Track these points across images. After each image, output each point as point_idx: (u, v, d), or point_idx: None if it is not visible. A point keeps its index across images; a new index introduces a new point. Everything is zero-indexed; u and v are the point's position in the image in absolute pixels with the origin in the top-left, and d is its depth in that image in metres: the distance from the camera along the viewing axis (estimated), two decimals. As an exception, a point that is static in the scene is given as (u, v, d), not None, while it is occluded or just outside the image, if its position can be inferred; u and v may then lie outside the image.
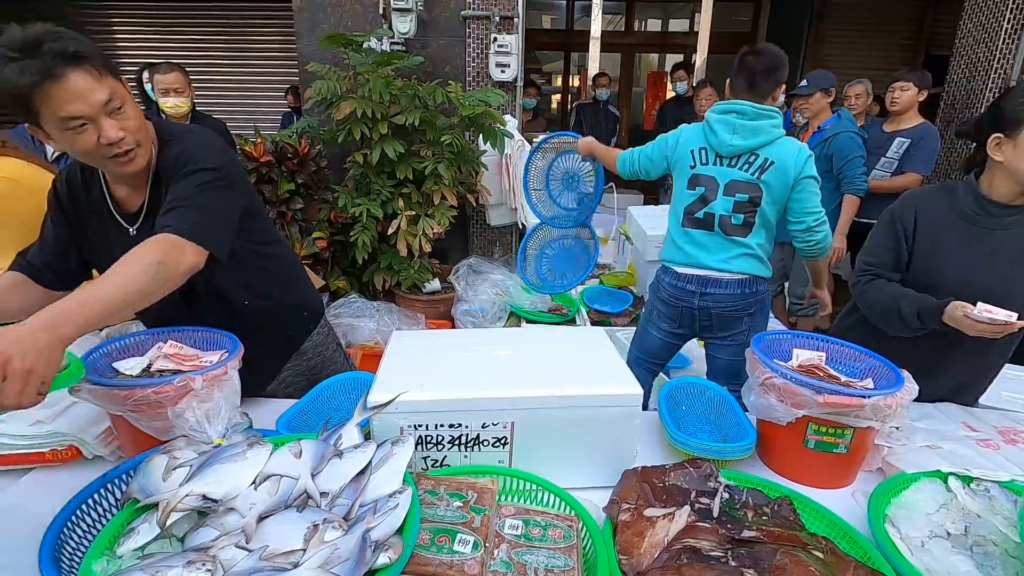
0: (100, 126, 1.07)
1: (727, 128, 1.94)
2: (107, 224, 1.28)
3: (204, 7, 6.15)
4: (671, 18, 8.06)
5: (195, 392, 1.06)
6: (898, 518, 1.02)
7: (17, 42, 0.98)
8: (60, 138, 1.07)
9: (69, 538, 0.87)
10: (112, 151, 1.10)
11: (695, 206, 2.02)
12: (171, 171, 1.22)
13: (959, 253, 1.40)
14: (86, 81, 1.03)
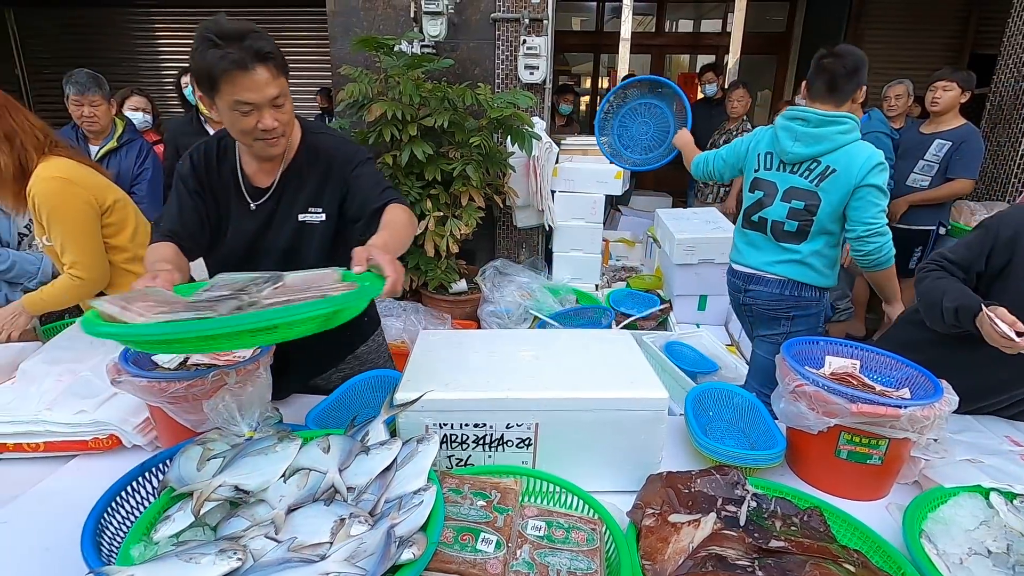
0: (262, 114, 1.24)
1: (790, 135, 1.98)
2: (232, 195, 1.42)
3: (242, 13, 6.33)
4: (703, 18, 7.94)
5: (228, 386, 1.10)
6: (935, 534, 0.99)
7: (225, 33, 1.16)
8: (225, 114, 1.24)
9: (109, 523, 0.91)
10: (260, 135, 1.27)
11: (752, 209, 2.10)
12: (326, 159, 1.42)
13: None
14: (265, 77, 1.20)
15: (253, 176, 1.42)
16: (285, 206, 1.42)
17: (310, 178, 1.43)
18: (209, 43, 1.16)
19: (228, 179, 1.42)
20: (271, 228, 1.43)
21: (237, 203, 1.43)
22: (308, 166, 1.42)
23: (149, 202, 2.80)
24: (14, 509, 1.08)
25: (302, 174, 1.42)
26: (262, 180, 1.42)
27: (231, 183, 1.42)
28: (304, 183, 1.42)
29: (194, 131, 3.20)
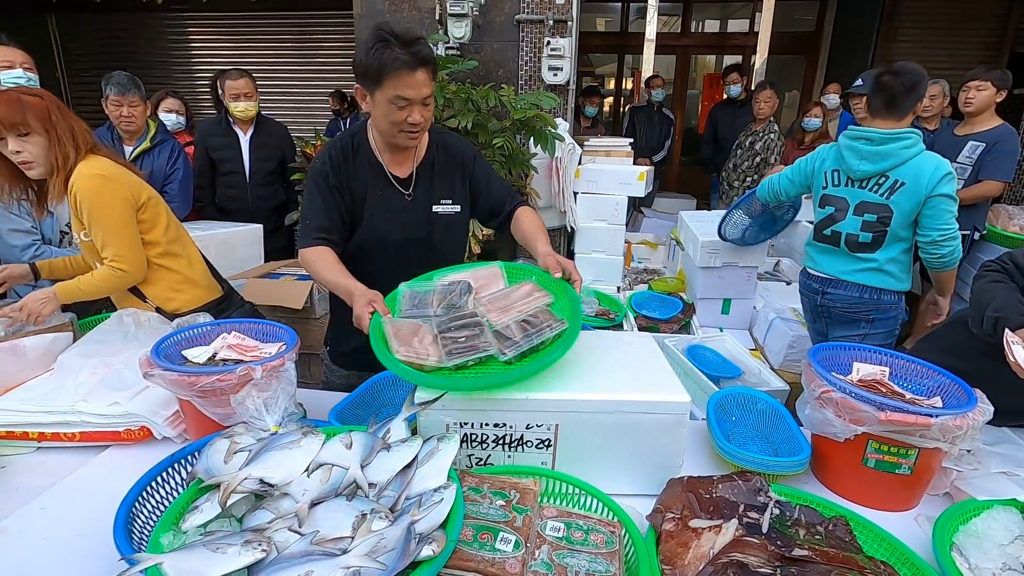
0: (413, 110, 1.39)
1: (855, 154, 2.10)
2: (374, 186, 1.55)
3: (271, 18, 6.46)
4: (730, 18, 7.83)
5: (255, 381, 1.12)
6: (967, 547, 0.96)
7: (399, 36, 1.33)
8: (380, 106, 1.39)
9: (140, 511, 0.93)
10: (408, 128, 1.43)
11: (824, 224, 2.22)
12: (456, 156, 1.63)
13: None
14: (424, 79, 1.37)
15: (388, 165, 1.56)
16: (421, 198, 1.59)
17: (442, 173, 1.61)
18: (384, 43, 1.32)
19: (367, 171, 1.54)
20: (412, 217, 1.58)
21: (381, 193, 1.55)
22: (439, 162, 1.61)
23: (180, 201, 2.88)
24: (51, 496, 1.13)
25: (434, 169, 1.60)
26: (396, 170, 1.56)
27: (371, 175, 1.54)
28: (435, 177, 1.60)
29: (222, 132, 3.27)
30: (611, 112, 8.25)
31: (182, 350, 1.30)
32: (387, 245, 1.57)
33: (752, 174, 4.40)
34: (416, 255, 1.58)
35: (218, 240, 2.68)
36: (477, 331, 1.16)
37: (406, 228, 1.58)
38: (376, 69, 1.34)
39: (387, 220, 1.56)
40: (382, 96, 1.37)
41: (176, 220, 1.82)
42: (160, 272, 1.73)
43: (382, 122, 1.43)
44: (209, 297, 1.84)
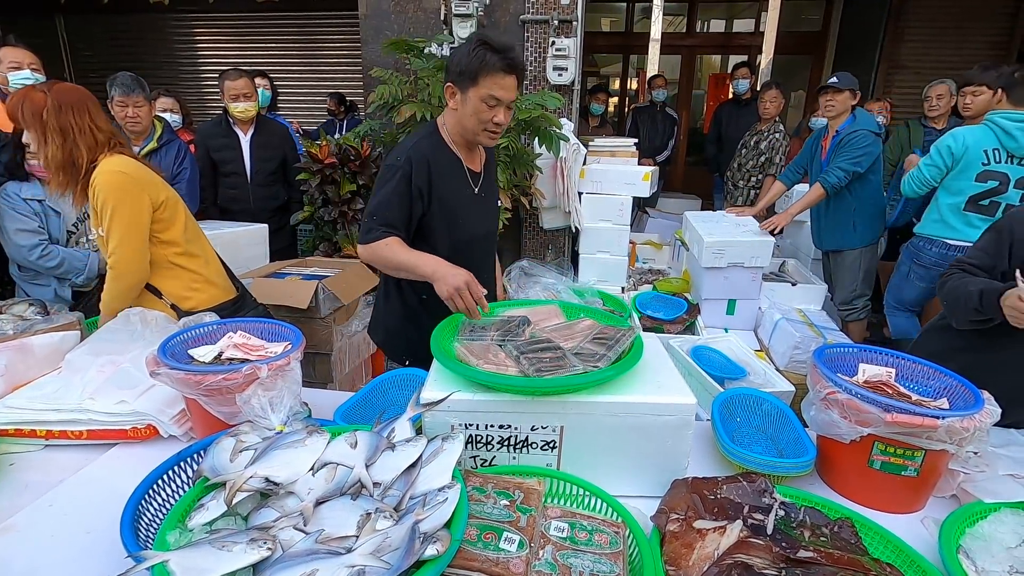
0: (500, 111, 1.53)
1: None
2: (461, 183, 1.67)
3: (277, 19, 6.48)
4: (735, 18, 7.80)
5: (261, 380, 1.13)
6: (974, 550, 0.95)
7: (499, 44, 1.48)
8: (472, 103, 1.51)
9: (146, 509, 0.94)
10: (492, 127, 1.56)
11: (982, 196, 2.53)
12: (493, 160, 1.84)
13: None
14: (513, 83, 1.51)
15: (463, 161, 1.68)
16: (487, 193, 1.76)
17: (493, 171, 1.80)
18: (487, 47, 1.47)
19: (451, 170, 1.64)
20: (486, 212, 1.76)
21: (464, 188, 1.68)
22: (491, 163, 1.80)
23: (188, 201, 2.87)
24: (59, 493, 1.14)
25: (491, 167, 1.79)
26: (472, 167, 1.70)
27: (454, 174, 1.65)
28: (491, 175, 1.79)
29: (223, 133, 3.28)
30: (616, 112, 8.24)
31: (188, 349, 1.31)
32: (474, 240, 1.72)
33: (756, 174, 4.38)
34: (489, 248, 1.81)
35: (224, 240, 2.69)
36: (560, 353, 1.17)
37: (485, 222, 1.76)
38: (475, 68, 1.46)
39: (470, 216, 1.69)
40: (475, 94, 1.49)
41: (194, 220, 1.84)
42: (177, 271, 1.75)
43: (469, 119, 1.54)
44: (225, 297, 1.85)
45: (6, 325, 1.53)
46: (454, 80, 1.53)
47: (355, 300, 2.74)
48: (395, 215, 1.55)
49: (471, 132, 1.57)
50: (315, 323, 2.49)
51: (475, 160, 1.71)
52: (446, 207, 1.62)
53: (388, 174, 1.57)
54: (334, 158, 3.40)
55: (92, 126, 1.58)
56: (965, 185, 2.59)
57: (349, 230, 3.49)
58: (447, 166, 1.62)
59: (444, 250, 1.61)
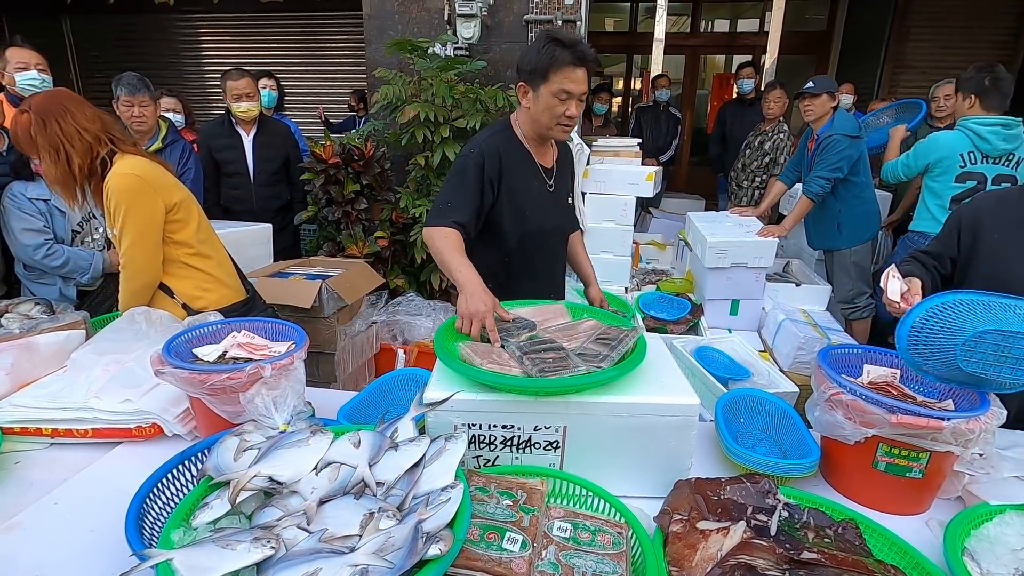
0: (571, 104, 1.55)
1: (998, 137, 2.64)
2: (532, 177, 1.70)
3: (281, 19, 6.50)
4: (739, 18, 7.78)
5: (264, 380, 1.13)
6: (979, 552, 0.95)
7: (567, 38, 1.51)
8: (544, 99, 1.55)
9: (151, 508, 0.95)
10: (564, 121, 1.58)
11: (964, 195, 2.72)
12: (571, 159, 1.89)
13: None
14: (583, 76, 1.53)
15: (534, 155, 1.71)
16: (560, 190, 1.78)
17: (566, 168, 1.82)
18: (556, 43, 1.50)
19: (522, 164, 1.68)
20: (557, 207, 1.77)
21: (538, 184, 1.71)
22: (564, 158, 1.82)
23: (193, 200, 2.90)
24: (64, 491, 1.14)
25: (563, 165, 1.80)
26: (544, 162, 1.73)
27: (526, 168, 1.68)
28: (565, 173, 1.81)
29: (225, 133, 3.29)
30: (619, 112, 8.23)
31: (193, 348, 1.32)
32: (544, 234, 1.74)
33: (760, 174, 4.36)
34: (559, 244, 1.82)
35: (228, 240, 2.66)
36: (563, 353, 1.18)
37: (555, 217, 1.76)
38: (545, 65, 1.50)
39: (541, 210, 1.71)
40: (547, 90, 1.53)
41: (207, 221, 1.85)
42: (189, 271, 1.75)
43: (543, 115, 1.58)
44: (236, 298, 1.86)
45: (12, 324, 1.54)
46: (526, 79, 1.57)
47: (359, 300, 2.74)
48: (464, 205, 1.59)
49: (544, 127, 1.60)
50: (319, 323, 2.50)
51: (547, 156, 1.74)
52: (515, 200, 1.66)
53: (461, 164, 1.63)
54: (338, 158, 3.40)
55: (78, 128, 1.56)
56: (946, 187, 2.78)
57: (353, 230, 3.49)
58: (518, 160, 1.66)
59: (512, 243, 1.69)
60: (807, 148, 3.31)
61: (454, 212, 1.58)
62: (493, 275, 1.58)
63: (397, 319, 3.15)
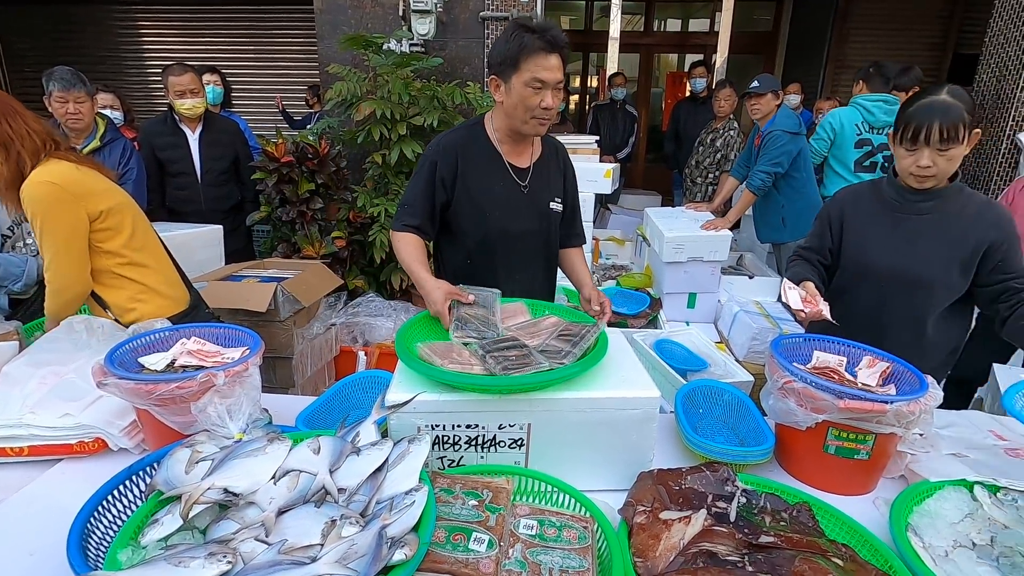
0: (547, 94, 1.45)
1: (881, 111, 3.17)
2: (498, 176, 1.59)
3: (228, 12, 6.26)
4: (691, 18, 7.98)
5: (217, 388, 1.09)
6: (921, 527, 1.00)
7: (538, 26, 1.43)
8: (517, 91, 1.46)
9: (96, 527, 0.89)
10: (540, 113, 1.48)
11: (863, 158, 3.23)
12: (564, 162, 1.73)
13: (883, 240, 1.55)
14: (557, 63, 1.44)
15: (506, 155, 1.61)
16: (538, 192, 1.64)
17: (554, 171, 1.69)
18: (525, 30, 1.42)
19: (485, 162, 1.59)
20: (530, 210, 1.63)
21: (501, 184, 1.60)
22: (553, 161, 1.69)
23: (135, 202, 2.76)
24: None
25: (549, 167, 1.68)
26: (515, 160, 1.62)
27: (490, 166, 1.59)
28: (550, 175, 1.68)
29: (169, 131, 3.14)
30: (576, 110, 8.31)
31: (138, 357, 1.25)
32: (508, 238, 1.62)
33: (713, 170, 4.49)
34: (532, 248, 1.67)
35: (176, 243, 2.56)
36: (526, 351, 1.17)
37: (524, 220, 1.64)
38: (514, 53, 1.42)
39: (505, 212, 1.60)
40: (518, 80, 1.44)
41: (146, 227, 1.74)
42: (121, 281, 1.65)
43: (517, 108, 1.49)
44: (174, 310, 1.75)
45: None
46: (496, 71, 1.48)
47: (316, 302, 2.67)
48: (418, 206, 1.57)
49: (519, 121, 1.51)
50: (275, 326, 2.42)
51: (523, 155, 1.63)
52: (474, 200, 1.58)
53: (420, 162, 1.59)
54: (291, 156, 3.31)
55: (28, 129, 1.47)
56: (848, 154, 3.26)
57: (308, 230, 3.41)
58: (482, 158, 1.59)
59: (472, 243, 1.63)
60: (754, 144, 3.43)
61: (407, 215, 1.58)
62: (457, 277, 1.56)
63: (357, 320, 3.09)
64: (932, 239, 1.49)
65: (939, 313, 1.52)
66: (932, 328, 1.56)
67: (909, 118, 1.42)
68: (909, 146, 1.43)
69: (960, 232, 1.47)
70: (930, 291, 1.49)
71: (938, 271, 1.48)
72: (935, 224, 1.49)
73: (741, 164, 3.66)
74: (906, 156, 1.45)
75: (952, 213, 1.48)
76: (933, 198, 1.49)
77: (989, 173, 3.85)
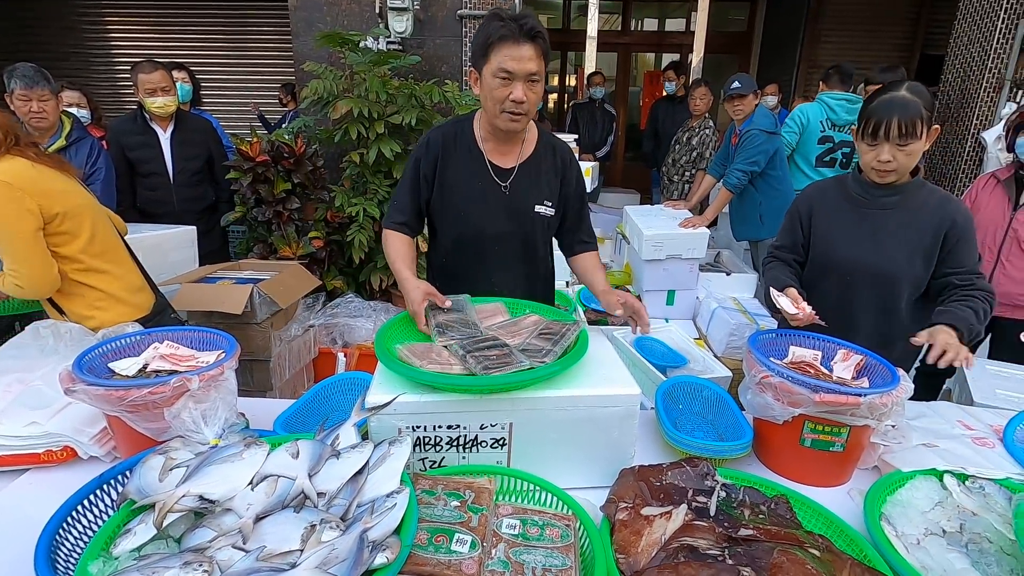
0: (516, 86, 1.37)
1: (843, 110, 3.36)
2: (475, 175, 1.53)
3: (198, 5, 6.12)
4: (667, 17, 8.06)
5: (191, 393, 1.06)
6: (894, 516, 1.03)
7: (510, 14, 1.35)
8: (487, 82, 1.39)
9: (65, 539, 0.86)
10: (510, 107, 1.39)
11: (824, 154, 3.43)
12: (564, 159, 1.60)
13: (849, 234, 1.58)
14: (529, 52, 1.35)
15: (488, 153, 1.55)
16: (521, 194, 1.55)
17: (546, 173, 1.58)
18: (495, 18, 1.36)
19: (466, 159, 1.54)
20: (509, 212, 1.55)
21: (479, 184, 1.54)
22: (545, 162, 1.58)
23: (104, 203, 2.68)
24: (-40, 528, 1.03)
25: (540, 168, 1.57)
26: (498, 160, 1.55)
27: (469, 164, 1.54)
28: (540, 176, 1.57)
29: (139, 130, 3.04)
30: (555, 109, 8.32)
31: (108, 362, 1.22)
32: (483, 238, 1.56)
33: (689, 168, 4.55)
34: (510, 251, 1.59)
35: (148, 244, 2.51)
36: (507, 350, 1.16)
37: (502, 222, 1.56)
38: (483, 41, 1.36)
39: (482, 212, 1.54)
40: (488, 71, 1.38)
41: (106, 231, 1.68)
42: (80, 288, 1.60)
43: (487, 101, 1.42)
44: (135, 315, 1.69)
45: None
46: (473, 63, 1.43)
47: (294, 303, 2.63)
48: (403, 202, 1.56)
49: (491, 115, 1.43)
50: (251, 329, 2.38)
51: (507, 155, 1.55)
52: (450, 197, 1.55)
53: (409, 157, 1.58)
54: (266, 156, 3.25)
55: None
56: (811, 149, 3.45)
57: (285, 231, 3.35)
58: (462, 155, 1.54)
59: (447, 243, 1.60)
60: (731, 142, 3.49)
61: (395, 211, 1.57)
62: (438, 275, 1.55)
63: (336, 322, 3.05)
64: (895, 233, 1.53)
65: (905, 305, 1.56)
66: (898, 320, 1.59)
67: (870, 114, 1.45)
68: (870, 141, 1.45)
69: (921, 225, 1.51)
70: (895, 284, 1.53)
71: (903, 264, 1.51)
72: (898, 218, 1.53)
73: (718, 162, 3.72)
74: (868, 151, 1.47)
75: (913, 208, 1.52)
76: (896, 193, 1.52)
77: (955, 171, 3.97)
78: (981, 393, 1.65)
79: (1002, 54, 3.66)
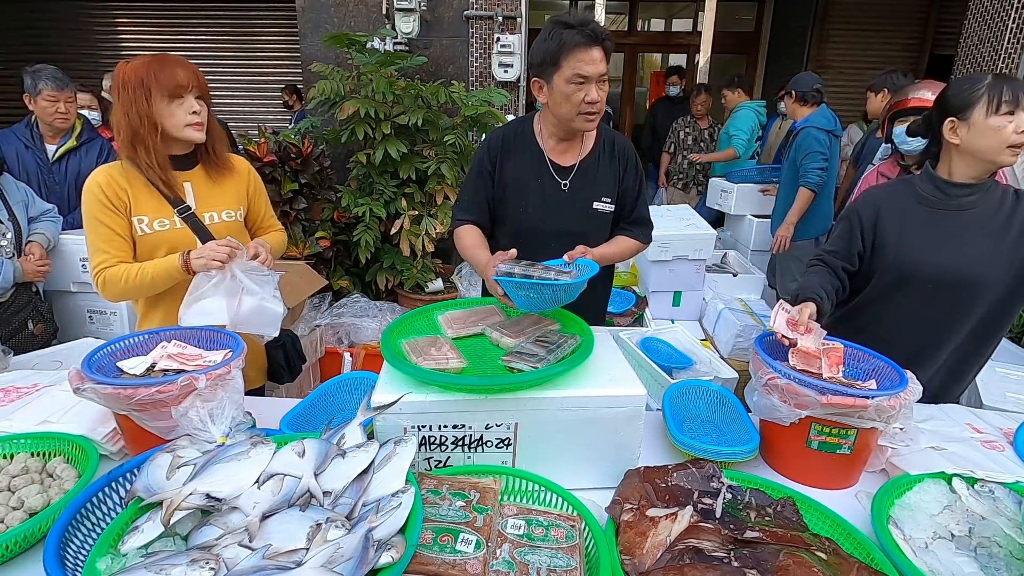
0: (591, 88, 1.43)
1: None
2: (536, 173, 1.59)
3: (209, 9, 6.16)
4: (674, 18, 8.03)
5: (199, 391, 1.07)
6: (902, 519, 1.02)
7: (576, 20, 1.41)
8: (560, 89, 1.44)
9: (74, 535, 0.87)
10: (587, 108, 1.45)
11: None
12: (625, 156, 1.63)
13: (927, 239, 1.45)
14: (599, 55, 1.41)
15: (550, 151, 1.60)
16: (581, 191, 1.60)
17: (605, 169, 1.62)
18: (563, 26, 1.40)
19: (526, 157, 1.59)
20: (568, 209, 1.60)
21: (548, 183, 1.59)
22: (604, 159, 1.62)
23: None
24: (-29, 524, 1.04)
25: (599, 164, 1.61)
26: (560, 158, 1.60)
27: (530, 161, 1.59)
28: (599, 173, 1.61)
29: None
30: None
31: (117, 361, 1.23)
32: (541, 234, 1.58)
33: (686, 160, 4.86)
34: (569, 247, 1.52)
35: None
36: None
37: (560, 219, 1.59)
38: (554, 51, 1.41)
39: (541, 208, 1.59)
40: (560, 78, 1.43)
41: None
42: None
43: (562, 106, 1.46)
44: None
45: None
46: (537, 72, 1.47)
47: (300, 303, 2.65)
48: (470, 198, 1.63)
49: (567, 119, 1.49)
50: (258, 328, 2.39)
51: (567, 153, 1.60)
52: (511, 194, 1.60)
53: (473, 158, 1.64)
54: (274, 156, 3.27)
55: None
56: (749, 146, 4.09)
57: (292, 230, 3.37)
58: (524, 153, 1.60)
59: (505, 239, 1.63)
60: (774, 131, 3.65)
61: (462, 209, 1.64)
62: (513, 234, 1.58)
63: (342, 321, 3.06)
64: (979, 233, 1.40)
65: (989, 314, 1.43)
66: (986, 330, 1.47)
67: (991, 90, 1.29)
68: (1008, 108, 1.28)
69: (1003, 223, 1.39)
70: (981, 287, 1.40)
71: (989, 267, 1.39)
72: (979, 217, 1.40)
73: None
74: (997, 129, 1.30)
75: (992, 205, 1.40)
76: (976, 191, 1.39)
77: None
78: (991, 396, 1.63)
79: (1012, 54, 3.62)
